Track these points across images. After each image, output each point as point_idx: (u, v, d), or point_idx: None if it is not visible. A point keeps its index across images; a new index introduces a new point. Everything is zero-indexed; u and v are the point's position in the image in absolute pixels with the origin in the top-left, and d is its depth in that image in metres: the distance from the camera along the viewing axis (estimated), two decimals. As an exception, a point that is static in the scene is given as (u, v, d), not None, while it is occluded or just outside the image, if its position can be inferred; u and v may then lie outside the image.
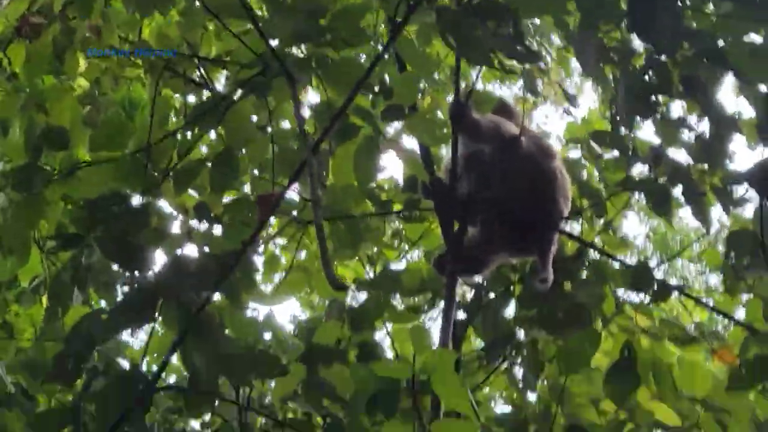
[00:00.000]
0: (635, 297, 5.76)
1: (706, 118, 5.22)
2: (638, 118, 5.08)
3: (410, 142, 5.70)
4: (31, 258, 5.97)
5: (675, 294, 6.19)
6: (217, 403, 5.18)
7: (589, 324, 5.52)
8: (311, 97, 6.61)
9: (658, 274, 12.94)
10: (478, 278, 5.77)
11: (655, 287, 5.42)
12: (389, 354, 6.08)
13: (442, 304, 5.37)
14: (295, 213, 5.82)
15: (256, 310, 5.61)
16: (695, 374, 5.50)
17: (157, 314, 4.42)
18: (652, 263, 13.87)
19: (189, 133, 5.41)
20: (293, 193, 5.64)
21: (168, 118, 5.63)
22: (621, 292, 5.89)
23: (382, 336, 6.41)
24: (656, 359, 5.43)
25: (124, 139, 5.09)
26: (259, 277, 6.01)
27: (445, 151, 6.25)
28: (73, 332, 4.29)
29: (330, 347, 4.97)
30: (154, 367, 4.75)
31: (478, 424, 4.78)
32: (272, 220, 6.42)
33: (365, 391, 4.39)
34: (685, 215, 15.39)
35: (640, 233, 16.30)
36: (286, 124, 6.03)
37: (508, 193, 5.34)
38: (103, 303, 5.49)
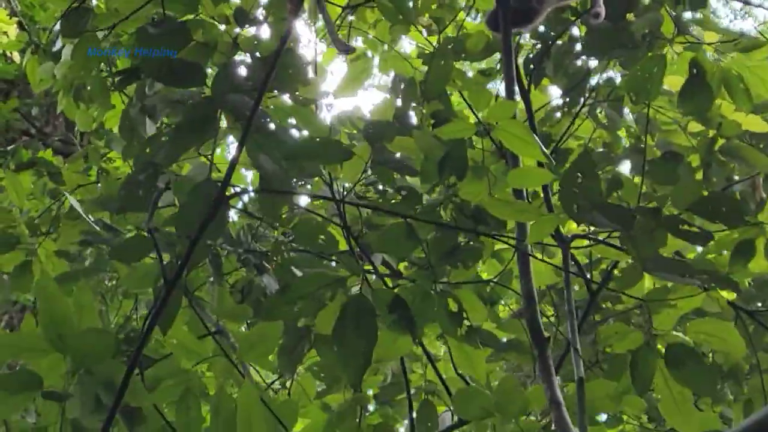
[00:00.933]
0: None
1: None
2: None
3: None
4: (114, 103, 6.09)
5: None
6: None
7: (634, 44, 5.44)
8: None
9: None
10: (534, 27, 5.68)
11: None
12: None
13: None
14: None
15: (332, 106, 5.52)
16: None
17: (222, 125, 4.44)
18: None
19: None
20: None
21: None
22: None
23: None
24: (724, 69, 5.35)
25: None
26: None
27: None
28: (138, 158, 4.35)
29: (386, 121, 4.98)
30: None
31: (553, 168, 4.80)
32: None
33: (433, 156, 4.44)
34: None
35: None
36: None
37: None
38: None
